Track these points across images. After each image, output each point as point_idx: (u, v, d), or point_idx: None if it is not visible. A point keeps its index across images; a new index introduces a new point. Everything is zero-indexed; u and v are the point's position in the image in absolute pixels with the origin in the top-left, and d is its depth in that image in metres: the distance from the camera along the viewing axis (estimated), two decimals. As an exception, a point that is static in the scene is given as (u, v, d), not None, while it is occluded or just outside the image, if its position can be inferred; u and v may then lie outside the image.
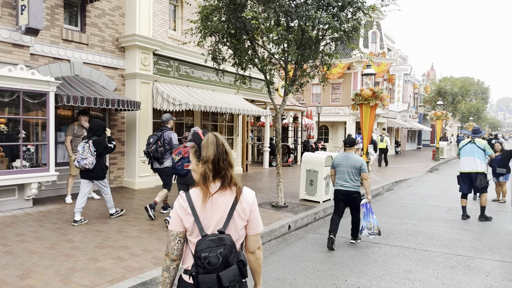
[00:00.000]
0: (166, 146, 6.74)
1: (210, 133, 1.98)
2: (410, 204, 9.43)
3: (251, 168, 15.45)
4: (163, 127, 6.97)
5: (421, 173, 16.50)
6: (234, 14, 7.14)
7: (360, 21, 8.33)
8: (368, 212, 5.83)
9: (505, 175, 9.64)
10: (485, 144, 7.49)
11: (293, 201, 8.81)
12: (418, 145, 41.51)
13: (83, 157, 6.10)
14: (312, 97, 27.08)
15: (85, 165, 6.10)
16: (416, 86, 37.79)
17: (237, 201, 1.89)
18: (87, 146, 6.17)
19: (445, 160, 23.72)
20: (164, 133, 6.83)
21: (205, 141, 1.93)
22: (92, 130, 6.32)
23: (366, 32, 24.80)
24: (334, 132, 27.69)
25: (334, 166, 5.97)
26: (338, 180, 5.86)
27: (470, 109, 45.93)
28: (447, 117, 25.66)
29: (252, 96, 13.86)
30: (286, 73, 8.02)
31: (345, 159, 5.83)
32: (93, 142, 6.21)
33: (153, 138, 6.84)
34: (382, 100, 11.26)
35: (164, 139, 6.76)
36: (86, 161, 6.09)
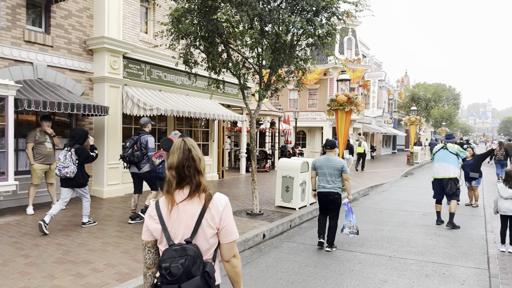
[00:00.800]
0: (143, 150, 6.63)
1: (180, 139, 1.93)
2: (386, 210, 9.41)
3: (227, 174, 15.18)
4: (141, 131, 6.85)
5: (396, 178, 16.68)
6: (206, 17, 6.93)
7: (335, 26, 8.30)
8: (348, 212, 5.99)
9: (477, 180, 9.78)
10: (457, 149, 7.53)
11: (269, 208, 8.62)
12: (393, 149, 42.31)
13: (64, 165, 5.99)
14: (290, 102, 27.12)
15: (66, 174, 5.99)
16: (390, 92, 38.58)
17: (205, 208, 1.82)
18: (69, 154, 6.06)
19: (419, 165, 24.17)
20: (141, 136, 6.72)
21: (172, 147, 1.89)
22: (74, 138, 6.22)
23: (342, 38, 25.10)
24: (312, 137, 27.79)
25: (315, 168, 6.06)
26: (320, 182, 5.95)
27: (442, 115, 47.32)
28: (420, 122, 26.21)
29: (228, 101, 13.64)
30: (261, 77, 7.86)
31: (326, 161, 5.94)
32: (75, 150, 6.11)
33: (130, 142, 6.72)
34: (357, 105, 11.29)
35: (141, 143, 6.66)
36: (67, 169, 5.98)
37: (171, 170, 1.85)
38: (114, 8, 9.26)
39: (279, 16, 6.66)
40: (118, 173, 9.50)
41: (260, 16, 6.71)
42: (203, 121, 13.12)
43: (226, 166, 17.76)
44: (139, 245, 5.53)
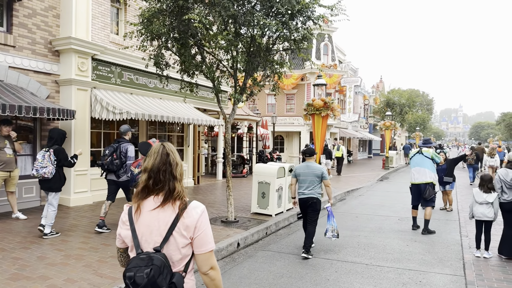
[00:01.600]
0: (122, 159, 6.51)
1: (159, 143, 1.87)
2: (362, 215, 9.36)
3: (204, 180, 14.86)
4: (121, 138, 6.73)
5: (372, 182, 16.79)
6: (177, 17, 6.68)
7: (311, 30, 8.24)
8: (330, 216, 6.15)
9: (451, 184, 9.89)
10: (432, 153, 7.53)
11: (244, 215, 8.39)
12: (369, 154, 42.95)
13: (42, 165, 5.92)
14: (267, 107, 27.05)
15: (44, 174, 5.91)
16: (366, 97, 39.21)
17: (178, 217, 1.74)
18: (47, 154, 6.00)
19: (394, 169, 24.53)
20: (121, 145, 6.59)
21: (150, 150, 1.84)
22: (52, 138, 6.15)
23: (318, 44, 25.28)
24: (290, 142, 27.79)
25: (295, 175, 6.16)
26: (300, 188, 6.06)
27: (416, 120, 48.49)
28: (395, 127, 26.70)
29: (205, 105, 13.37)
30: (235, 81, 7.66)
31: (306, 168, 6.07)
32: (54, 151, 6.04)
33: (109, 149, 6.57)
34: (333, 110, 11.26)
35: (120, 151, 6.53)
36: (45, 169, 5.91)
37: (146, 173, 1.78)
38: (82, 8, 8.85)
39: (254, 18, 6.49)
40: (86, 180, 9.05)
41: (234, 17, 6.53)
42: (178, 126, 12.78)
43: (202, 171, 17.42)
44: (104, 258, 5.19)
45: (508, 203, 5.61)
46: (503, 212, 5.74)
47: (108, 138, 10.36)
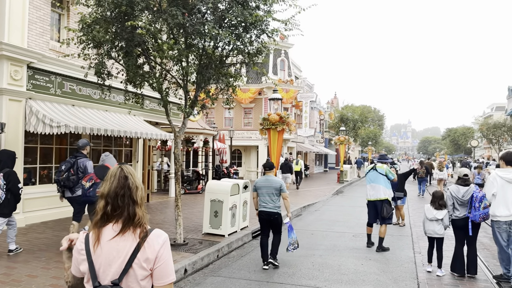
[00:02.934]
0: (80, 175, 6.27)
1: (117, 165, 1.78)
2: (317, 231, 9.18)
3: (155, 198, 14.10)
4: (78, 153, 6.49)
5: (327, 196, 16.87)
6: (120, 24, 6.20)
7: (265, 44, 8.12)
8: (290, 229, 6.28)
9: (402, 199, 10.02)
10: (386, 169, 7.49)
11: (195, 236, 7.88)
12: (325, 168, 43.78)
13: None
14: (225, 120, 26.70)
15: None
16: (321, 112, 40.14)
17: (139, 247, 1.63)
18: None
19: (349, 182, 25.00)
20: (79, 160, 6.35)
21: (107, 174, 1.75)
22: (0, 162, 5.85)
23: (275, 59, 25.51)
24: (247, 156, 27.51)
25: (256, 189, 6.31)
26: (261, 202, 6.21)
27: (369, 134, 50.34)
28: (349, 142, 27.37)
29: (156, 118, 12.75)
30: (186, 93, 7.26)
31: (266, 181, 6.23)
32: (4, 174, 5.73)
33: (65, 165, 6.32)
34: (289, 125, 11.14)
35: (78, 166, 6.30)
36: None
37: (103, 199, 1.68)
38: (17, 12, 8.07)
39: (204, 28, 6.17)
40: (18, 200, 8.10)
41: (182, 26, 6.17)
42: (126, 140, 12.05)
43: (154, 188, 16.62)
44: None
45: (460, 219, 5.62)
46: (455, 229, 5.75)
47: (49, 154, 9.47)
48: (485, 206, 5.40)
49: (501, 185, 5.25)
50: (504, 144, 37.82)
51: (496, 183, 5.27)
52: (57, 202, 7.50)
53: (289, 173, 18.32)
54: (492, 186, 5.31)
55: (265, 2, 7.25)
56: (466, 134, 54.96)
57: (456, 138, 57.13)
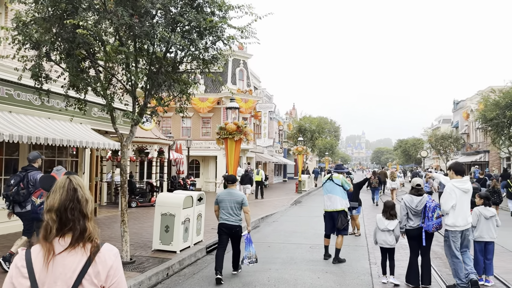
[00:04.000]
0: (30, 188, 5.93)
1: (65, 176, 1.69)
2: (274, 243, 8.95)
3: (104, 211, 13.23)
4: (29, 166, 6.16)
5: (286, 207, 16.78)
6: (60, 22, 5.67)
7: (221, 51, 7.91)
8: (248, 243, 6.27)
9: (357, 209, 10.07)
10: (342, 180, 7.43)
11: (144, 253, 7.34)
12: (284, 178, 44.06)
13: None
14: (182, 130, 26.03)
15: None
16: (280, 123, 40.50)
17: (90, 262, 1.55)
18: None
19: (307, 192, 25.19)
20: (29, 173, 6.02)
21: (54, 186, 1.65)
22: None
23: (234, 69, 25.38)
24: (206, 167, 26.92)
25: (218, 202, 6.32)
26: (222, 214, 6.21)
27: (325, 145, 51.56)
28: (307, 152, 27.75)
29: (106, 127, 12.00)
30: (134, 99, 6.80)
31: (228, 195, 6.27)
32: None
33: (15, 179, 6.00)
34: (246, 134, 10.93)
35: (28, 180, 5.97)
36: None
37: (51, 212, 1.59)
38: None
39: (154, 30, 5.80)
40: None
41: (130, 28, 5.76)
42: (73, 150, 11.22)
43: (104, 201, 15.66)
44: None
45: (414, 229, 5.60)
46: (409, 239, 5.73)
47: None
48: (438, 216, 5.43)
49: (459, 196, 5.30)
50: (451, 155, 40.15)
51: (455, 194, 5.29)
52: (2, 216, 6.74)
53: (249, 184, 18.45)
54: (450, 197, 5.31)
55: (221, 8, 7.04)
56: (416, 145, 57.92)
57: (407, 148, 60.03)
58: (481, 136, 34.19)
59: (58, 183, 1.67)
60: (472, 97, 37.40)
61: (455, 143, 38.83)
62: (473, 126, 36.77)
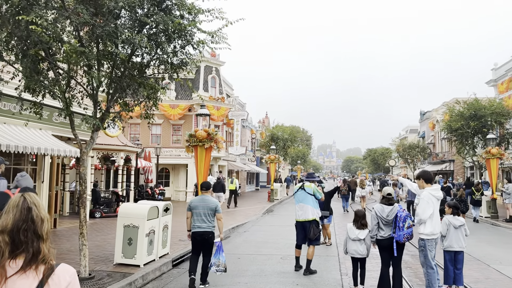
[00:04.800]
0: None
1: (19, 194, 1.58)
2: (245, 255, 8.66)
3: (66, 222, 12.48)
4: None
5: (257, 216, 16.53)
6: (13, 19, 5.24)
7: (190, 55, 7.67)
8: (219, 250, 6.17)
9: (328, 217, 9.97)
10: (314, 188, 7.27)
11: (105, 268, 6.87)
12: (256, 186, 43.84)
13: None
14: (152, 137, 25.32)
15: None
16: (253, 131, 40.42)
17: (42, 284, 1.47)
18: None
19: (279, 201, 25.06)
20: None
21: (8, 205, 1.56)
22: None
23: (206, 76, 25.07)
24: (176, 175, 26.27)
25: (191, 208, 6.26)
26: (195, 222, 6.15)
27: (298, 154, 51.88)
28: (279, 161, 27.67)
29: (68, 133, 11.37)
30: (95, 103, 6.40)
31: (202, 201, 6.23)
32: None
33: None
34: (217, 142, 10.63)
35: None
36: None
37: (3, 234, 1.49)
38: None
39: (117, 30, 5.47)
40: None
41: (90, 27, 5.41)
42: (32, 157, 10.52)
43: (66, 211, 14.83)
44: None
45: (385, 239, 5.50)
46: (380, 249, 5.62)
47: None
48: (409, 225, 5.35)
49: (435, 204, 5.28)
50: (417, 164, 41.37)
51: (432, 202, 5.23)
52: None
53: (222, 192, 18.29)
54: (428, 206, 5.23)
55: (190, 11, 6.83)
56: (384, 154, 59.35)
57: (376, 157, 61.39)
58: (446, 146, 35.46)
59: (12, 201, 1.58)
60: (438, 108, 38.82)
61: (422, 152, 40.10)
62: (438, 136, 38.09)
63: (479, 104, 18.46)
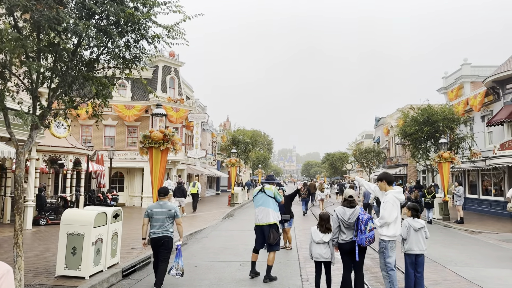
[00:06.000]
0: None
1: None
2: (202, 263, 8.22)
3: (6, 231, 11.35)
4: None
5: (217, 221, 16.08)
6: None
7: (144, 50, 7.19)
8: (178, 254, 6.17)
9: (289, 221, 9.78)
10: (274, 191, 7.02)
11: (45, 281, 6.19)
12: (217, 191, 43.20)
13: None
14: (105, 139, 24.04)
15: None
16: (214, 135, 39.84)
17: None
18: None
19: (239, 205, 24.71)
20: None
21: None
22: None
23: (164, 76, 24.27)
24: (131, 180, 25.10)
25: (148, 215, 6.15)
26: (153, 228, 6.06)
27: (259, 158, 51.84)
28: (240, 164, 27.34)
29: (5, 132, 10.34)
30: (34, 98, 5.74)
31: (160, 207, 6.15)
32: None
33: None
34: (174, 144, 10.12)
35: None
36: None
37: None
38: None
39: (58, 16, 4.91)
40: None
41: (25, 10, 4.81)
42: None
43: (8, 218, 13.54)
44: None
45: (346, 243, 5.33)
46: (342, 254, 5.44)
47: None
48: (371, 228, 5.22)
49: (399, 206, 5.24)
50: (373, 168, 42.74)
51: (397, 206, 5.20)
52: None
53: (183, 197, 17.91)
54: (393, 208, 5.19)
55: (145, 3, 6.38)
56: (342, 158, 60.87)
57: (334, 162, 62.79)
58: (400, 151, 36.91)
59: None
60: (392, 114, 40.38)
61: (377, 156, 41.48)
62: (393, 141, 39.60)
63: (432, 110, 19.27)
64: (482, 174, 20.34)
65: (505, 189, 17.23)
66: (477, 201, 20.61)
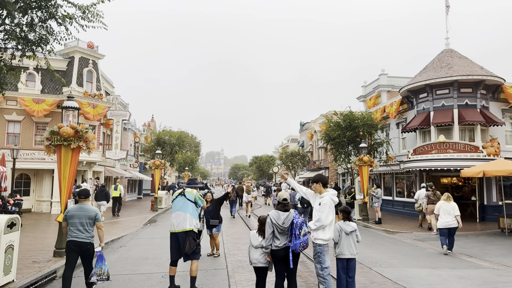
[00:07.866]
0: None
1: None
2: (119, 276, 7.28)
3: None
4: None
5: (138, 228, 14.87)
6: None
7: (52, 30, 6.19)
8: (100, 259, 5.92)
9: (217, 226, 9.24)
10: (195, 195, 6.34)
11: None
12: (139, 195, 40.83)
13: None
14: (8, 137, 21.06)
15: None
16: (137, 135, 37.60)
17: None
18: None
19: (163, 210, 23.46)
20: None
21: None
22: None
23: (81, 69, 22.08)
24: (39, 183, 22.30)
25: (67, 218, 5.88)
26: (72, 231, 5.78)
27: (186, 160, 50.32)
28: (165, 166, 26.01)
29: None
30: None
31: (80, 210, 5.89)
32: None
33: None
34: (88, 142, 8.95)
35: None
36: None
37: None
38: None
39: None
40: None
41: None
42: None
43: None
44: None
45: (280, 250, 4.95)
46: (275, 261, 5.05)
47: None
48: (305, 233, 4.93)
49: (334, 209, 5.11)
50: (298, 170, 44.13)
51: (333, 208, 5.07)
52: None
53: (105, 201, 16.87)
54: (330, 211, 5.03)
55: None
56: (269, 161, 62.06)
57: (261, 165, 63.75)
58: (322, 154, 38.58)
59: None
60: (316, 119, 42.12)
61: (302, 160, 42.92)
62: (316, 145, 41.29)
63: (353, 116, 20.27)
64: (396, 177, 21.93)
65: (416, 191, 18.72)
66: (391, 202, 22.15)
